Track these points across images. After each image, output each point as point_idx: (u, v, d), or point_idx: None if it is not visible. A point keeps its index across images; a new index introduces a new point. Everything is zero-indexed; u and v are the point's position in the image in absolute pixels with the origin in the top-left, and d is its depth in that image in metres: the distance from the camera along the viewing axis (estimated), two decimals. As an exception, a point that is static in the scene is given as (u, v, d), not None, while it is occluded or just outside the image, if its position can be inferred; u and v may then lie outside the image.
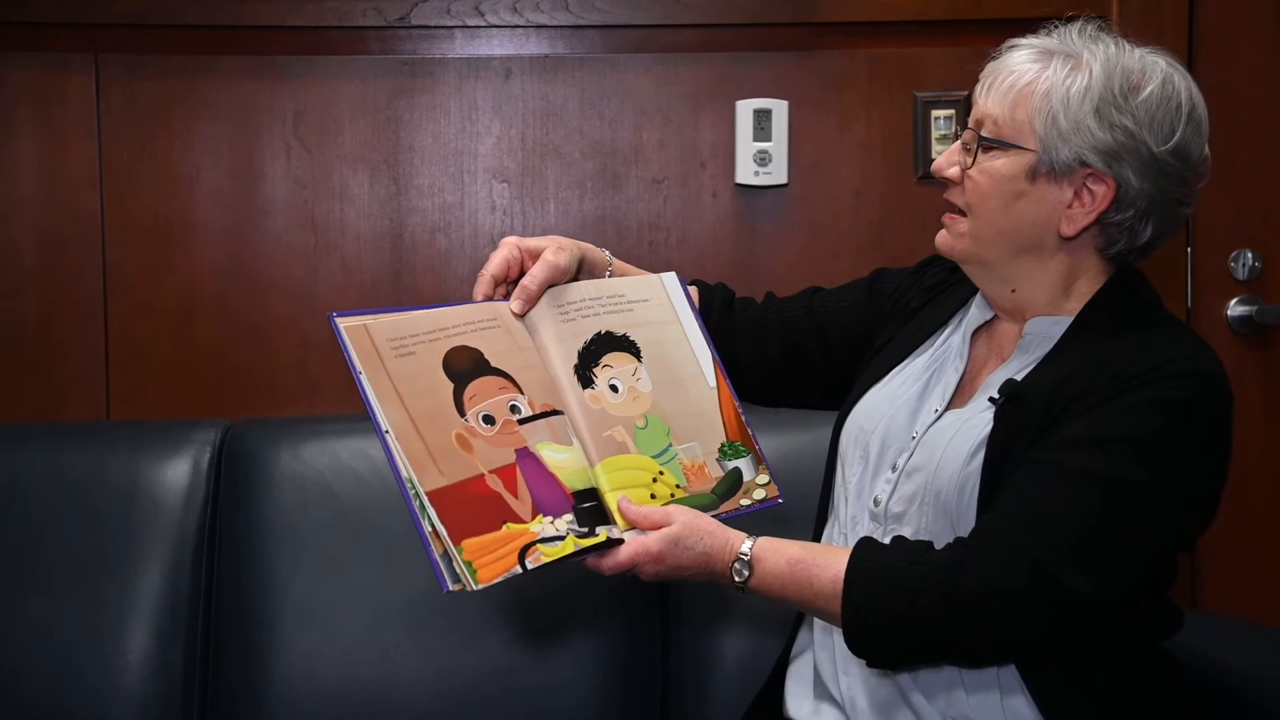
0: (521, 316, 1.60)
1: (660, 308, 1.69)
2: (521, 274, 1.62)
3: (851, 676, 1.59)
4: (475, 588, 1.40)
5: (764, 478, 1.64)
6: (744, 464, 1.64)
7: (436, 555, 1.41)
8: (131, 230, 2.39)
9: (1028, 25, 1.60)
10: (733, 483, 1.62)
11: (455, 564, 1.41)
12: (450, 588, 1.40)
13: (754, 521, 1.62)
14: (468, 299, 1.61)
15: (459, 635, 2.01)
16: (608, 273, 1.72)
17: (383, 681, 1.99)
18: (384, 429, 1.44)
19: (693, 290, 1.80)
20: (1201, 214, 2.45)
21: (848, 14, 2.41)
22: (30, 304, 2.39)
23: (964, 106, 2.39)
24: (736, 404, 1.67)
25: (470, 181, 2.42)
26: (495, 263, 1.62)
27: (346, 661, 2.00)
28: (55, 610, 2.01)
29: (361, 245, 2.41)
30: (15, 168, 2.37)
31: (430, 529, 1.42)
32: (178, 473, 2.10)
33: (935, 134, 2.42)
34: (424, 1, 2.37)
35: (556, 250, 1.63)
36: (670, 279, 1.73)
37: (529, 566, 1.43)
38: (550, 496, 1.49)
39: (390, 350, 1.48)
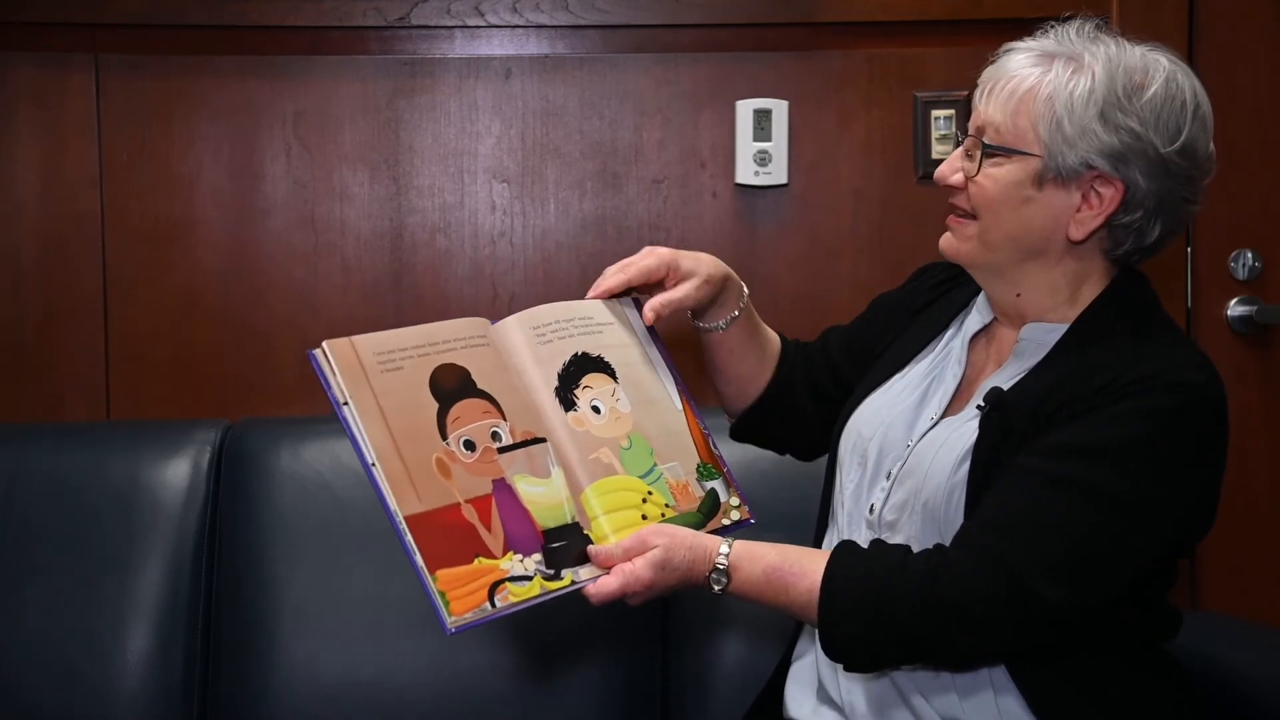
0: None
1: (624, 330, 1.67)
2: (659, 284, 1.65)
3: (852, 680, 1.58)
4: (449, 620, 1.39)
5: (736, 499, 1.64)
6: (718, 485, 1.63)
7: (433, 590, 1.40)
8: (131, 230, 2.39)
9: (1028, 25, 1.59)
10: (713, 502, 1.62)
11: (432, 595, 1.39)
12: (450, 629, 1.40)
13: (756, 525, 1.62)
14: (468, 300, 1.61)
15: (459, 636, 2.00)
16: (741, 303, 1.73)
17: (383, 681, 1.99)
18: (370, 461, 1.42)
19: (775, 337, 1.81)
20: (1201, 214, 2.41)
21: (848, 14, 2.41)
22: (30, 304, 2.39)
23: (964, 107, 2.39)
24: (702, 426, 1.66)
25: (470, 181, 2.42)
26: (638, 269, 1.64)
27: (346, 662, 2.00)
28: (55, 610, 2.01)
29: (361, 245, 2.41)
30: (15, 168, 2.37)
31: (423, 563, 1.40)
32: (178, 473, 2.10)
33: (935, 134, 2.41)
34: (424, 1, 2.37)
35: (700, 285, 1.65)
36: (627, 301, 1.70)
37: (498, 604, 1.42)
38: (522, 533, 1.47)
39: (376, 365, 1.46)
